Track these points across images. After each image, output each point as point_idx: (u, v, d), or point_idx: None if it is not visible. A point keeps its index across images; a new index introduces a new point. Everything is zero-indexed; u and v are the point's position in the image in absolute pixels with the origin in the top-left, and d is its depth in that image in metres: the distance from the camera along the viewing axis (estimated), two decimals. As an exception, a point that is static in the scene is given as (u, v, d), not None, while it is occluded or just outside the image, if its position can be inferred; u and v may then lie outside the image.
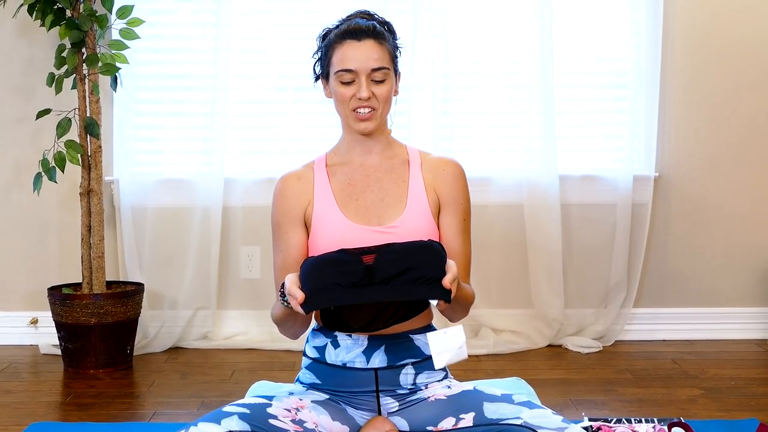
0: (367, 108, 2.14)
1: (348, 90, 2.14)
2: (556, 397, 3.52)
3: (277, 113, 4.41)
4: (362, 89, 2.13)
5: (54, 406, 3.51)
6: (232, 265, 4.43)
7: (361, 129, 2.17)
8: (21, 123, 4.34)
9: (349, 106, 2.15)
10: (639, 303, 4.47)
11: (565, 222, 4.39)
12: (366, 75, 2.13)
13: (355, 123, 2.17)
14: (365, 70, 2.13)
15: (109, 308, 3.93)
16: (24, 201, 4.37)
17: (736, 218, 4.47)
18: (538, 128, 4.30)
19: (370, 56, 2.13)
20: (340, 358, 2.17)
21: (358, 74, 2.13)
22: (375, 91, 2.14)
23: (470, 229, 2.25)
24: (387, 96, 2.16)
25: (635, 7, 4.34)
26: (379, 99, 2.15)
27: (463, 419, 2.02)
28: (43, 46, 4.28)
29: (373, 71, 2.13)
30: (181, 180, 4.38)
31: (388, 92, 2.16)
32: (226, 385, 3.76)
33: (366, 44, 2.14)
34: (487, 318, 4.37)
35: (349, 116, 2.17)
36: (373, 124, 2.17)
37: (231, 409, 1.97)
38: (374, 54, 2.14)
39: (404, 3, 4.27)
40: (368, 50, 2.14)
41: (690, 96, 4.42)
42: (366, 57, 2.13)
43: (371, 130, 2.18)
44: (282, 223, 2.22)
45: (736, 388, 3.69)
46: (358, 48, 2.14)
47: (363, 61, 2.13)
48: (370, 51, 2.14)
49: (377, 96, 2.14)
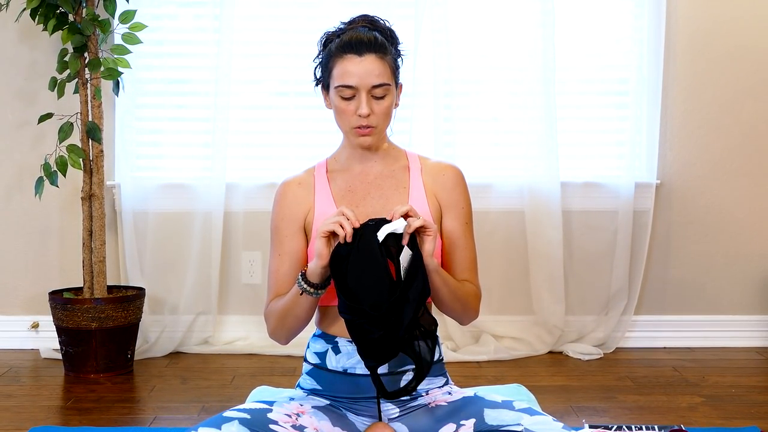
0: (366, 126, 2.14)
1: (348, 105, 2.14)
2: (557, 404, 3.52)
3: (278, 118, 4.41)
4: (362, 106, 2.12)
5: (54, 411, 3.51)
6: (233, 270, 4.43)
7: (360, 144, 2.18)
8: (23, 127, 4.35)
9: (349, 122, 2.15)
10: (640, 310, 4.47)
11: (567, 229, 4.39)
12: (366, 91, 2.12)
13: (355, 138, 2.17)
14: (365, 87, 2.12)
15: (110, 313, 3.93)
16: (25, 205, 4.37)
17: (737, 226, 4.47)
18: (540, 135, 4.30)
19: (371, 72, 2.12)
20: (341, 363, 2.17)
21: (359, 90, 2.12)
22: (375, 108, 2.13)
23: (473, 230, 2.26)
24: (387, 112, 2.16)
25: (637, 14, 4.34)
26: (379, 115, 2.14)
27: (464, 425, 2.01)
28: (46, 51, 4.28)
29: (373, 88, 2.13)
30: (183, 185, 4.38)
31: (388, 108, 2.16)
32: (226, 390, 3.76)
33: (367, 59, 2.12)
34: (487, 324, 4.37)
35: (349, 132, 2.17)
36: (372, 140, 2.17)
37: (231, 414, 1.97)
38: (375, 70, 2.12)
39: (407, 9, 4.27)
40: (369, 65, 2.12)
41: (692, 103, 4.42)
42: (367, 73, 2.12)
43: (370, 144, 2.18)
44: (281, 227, 2.22)
45: (737, 396, 3.68)
46: (359, 64, 2.12)
47: (363, 77, 2.11)
48: (371, 67, 2.12)
49: (377, 113, 2.14)
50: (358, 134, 2.16)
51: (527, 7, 4.28)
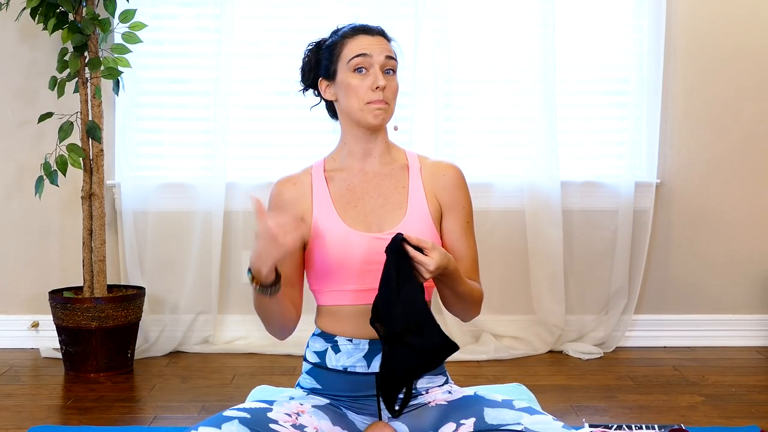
0: (382, 101, 2.14)
1: (362, 81, 2.14)
2: (557, 404, 3.52)
3: (278, 118, 4.41)
4: (379, 77, 2.13)
5: (54, 410, 3.51)
6: (233, 270, 4.43)
7: (373, 121, 2.15)
8: (23, 127, 4.35)
9: (363, 98, 2.15)
10: (640, 309, 4.47)
11: (567, 228, 4.39)
12: (380, 65, 2.14)
13: (369, 115, 2.15)
14: (380, 60, 2.14)
15: (110, 312, 3.93)
16: (26, 204, 4.37)
17: (737, 225, 4.47)
18: (540, 134, 4.30)
19: (384, 46, 2.17)
20: (341, 362, 2.17)
21: (373, 64, 2.14)
22: (388, 84, 2.15)
23: (474, 229, 2.26)
24: (396, 92, 2.18)
25: (638, 14, 4.35)
26: (392, 92, 2.16)
27: (464, 425, 2.01)
28: (46, 50, 4.29)
29: (387, 59, 2.15)
30: (183, 184, 4.38)
31: (396, 88, 2.19)
32: (226, 390, 3.76)
33: (378, 38, 2.18)
34: (488, 324, 4.37)
35: (363, 109, 2.15)
36: (387, 116, 2.17)
37: (231, 413, 1.97)
38: (386, 45, 2.18)
39: (407, 9, 4.27)
40: (381, 42, 2.17)
41: (692, 103, 4.42)
42: (381, 47, 2.16)
43: (382, 121, 2.17)
44: None
45: (737, 395, 3.68)
46: (372, 40, 2.17)
47: (378, 49, 2.15)
48: (383, 43, 2.17)
49: (390, 89, 2.16)
50: (373, 108, 2.14)
51: (527, 7, 4.28)
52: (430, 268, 1.95)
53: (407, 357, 1.96)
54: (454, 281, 2.07)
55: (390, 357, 1.98)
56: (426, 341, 1.96)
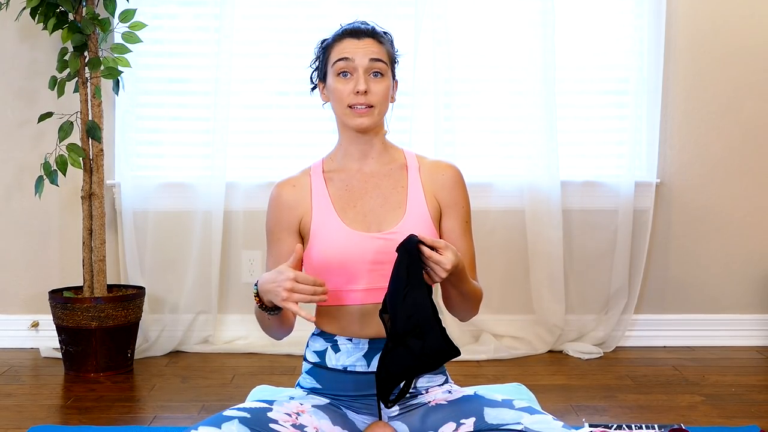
0: (363, 105, 2.14)
1: (345, 85, 2.14)
2: (557, 403, 3.52)
3: (278, 118, 4.41)
4: (360, 81, 2.12)
5: (54, 410, 3.51)
6: (233, 270, 4.43)
7: (357, 124, 2.15)
8: (23, 126, 4.35)
9: (345, 102, 2.15)
10: (640, 309, 4.47)
11: (567, 228, 4.39)
12: (364, 69, 2.13)
13: (351, 118, 2.15)
14: (363, 63, 2.13)
15: (110, 312, 3.93)
16: (25, 204, 4.37)
17: (737, 225, 4.47)
18: (540, 134, 4.30)
19: (369, 48, 2.15)
20: (341, 362, 2.17)
21: (356, 68, 2.13)
22: (373, 87, 2.14)
23: (471, 228, 2.26)
24: (385, 94, 2.16)
25: (638, 13, 4.35)
26: (378, 94, 2.14)
27: (464, 424, 2.01)
28: (46, 50, 4.29)
29: (371, 61, 2.13)
30: (183, 184, 4.38)
31: (386, 90, 2.16)
32: (226, 390, 3.76)
33: (365, 41, 2.16)
34: (487, 324, 4.37)
35: (345, 113, 2.16)
36: (370, 120, 2.15)
37: (231, 413, 1.97)
38: (373, 47, 2.16)
39: (407, 8, 4.28)
40: (367, 45, 2.15)
41: (692, 103, 4.42)
42: (365, 50, 2.14)
43: (367, 126, 2.16)
44: (275, 230, 2.23)
45: (737, 395, 3.68)
46: (357, 43, 2.15)
47: (361, 53, 2.14)
48: (369, 46, 2.15)
49: (375, 92, 2.14)
50: (354, 113, 2.15)
51: (527, 6, 4.28)
52: (447, 267, 1.94)
53: (404, 357, 1.96)
54: (461, 280, 2.07)
55: (389, 354, 1.98)
56: (426, 345, 1.96)
